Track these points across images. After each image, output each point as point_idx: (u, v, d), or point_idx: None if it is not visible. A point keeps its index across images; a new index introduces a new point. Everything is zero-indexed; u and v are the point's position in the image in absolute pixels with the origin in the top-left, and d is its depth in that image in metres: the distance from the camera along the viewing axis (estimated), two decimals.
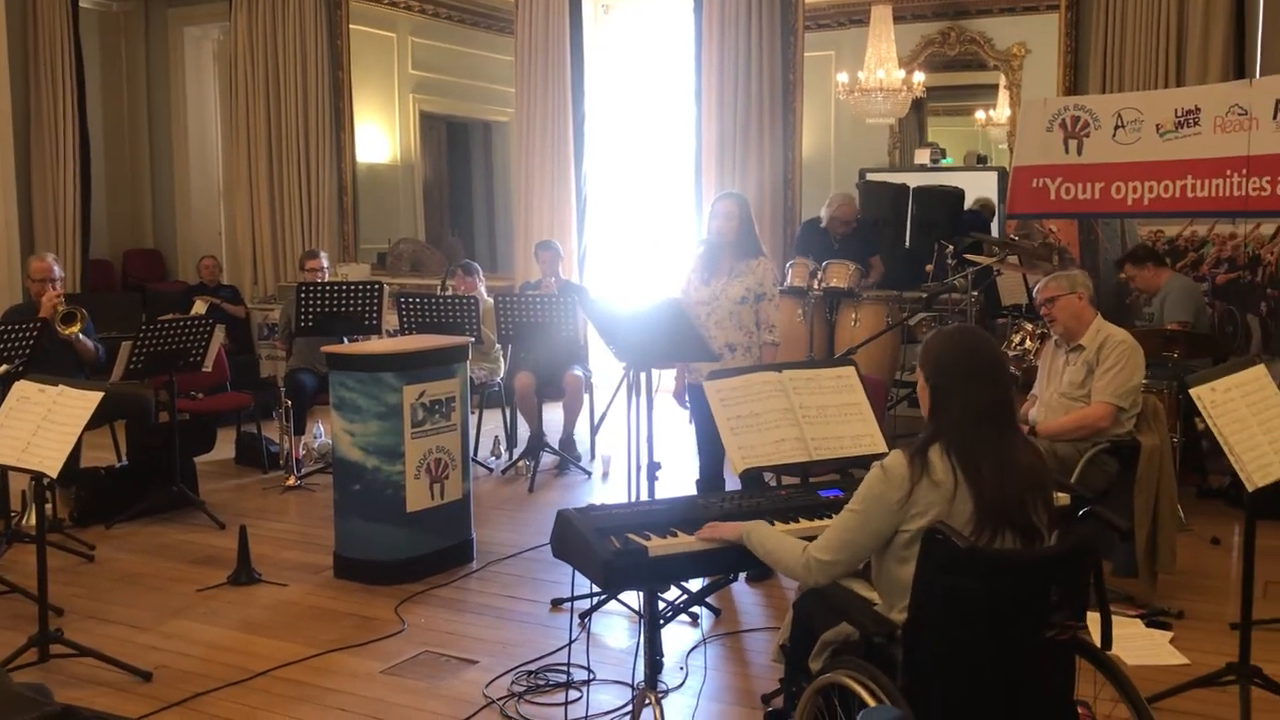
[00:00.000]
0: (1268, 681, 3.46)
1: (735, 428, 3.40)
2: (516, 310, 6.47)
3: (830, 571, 2.68)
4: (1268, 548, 5.08)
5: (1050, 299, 4.63)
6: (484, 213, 11.24)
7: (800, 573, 2.73)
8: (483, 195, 11.25)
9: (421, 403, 4.87)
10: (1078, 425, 4.43)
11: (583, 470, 6.75)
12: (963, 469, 2.49)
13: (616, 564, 2.79)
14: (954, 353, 2.59)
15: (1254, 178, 6.07)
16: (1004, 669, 2.46)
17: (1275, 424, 3.38)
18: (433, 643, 4.25)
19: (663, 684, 3.86)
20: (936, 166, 9.15)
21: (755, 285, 4.93)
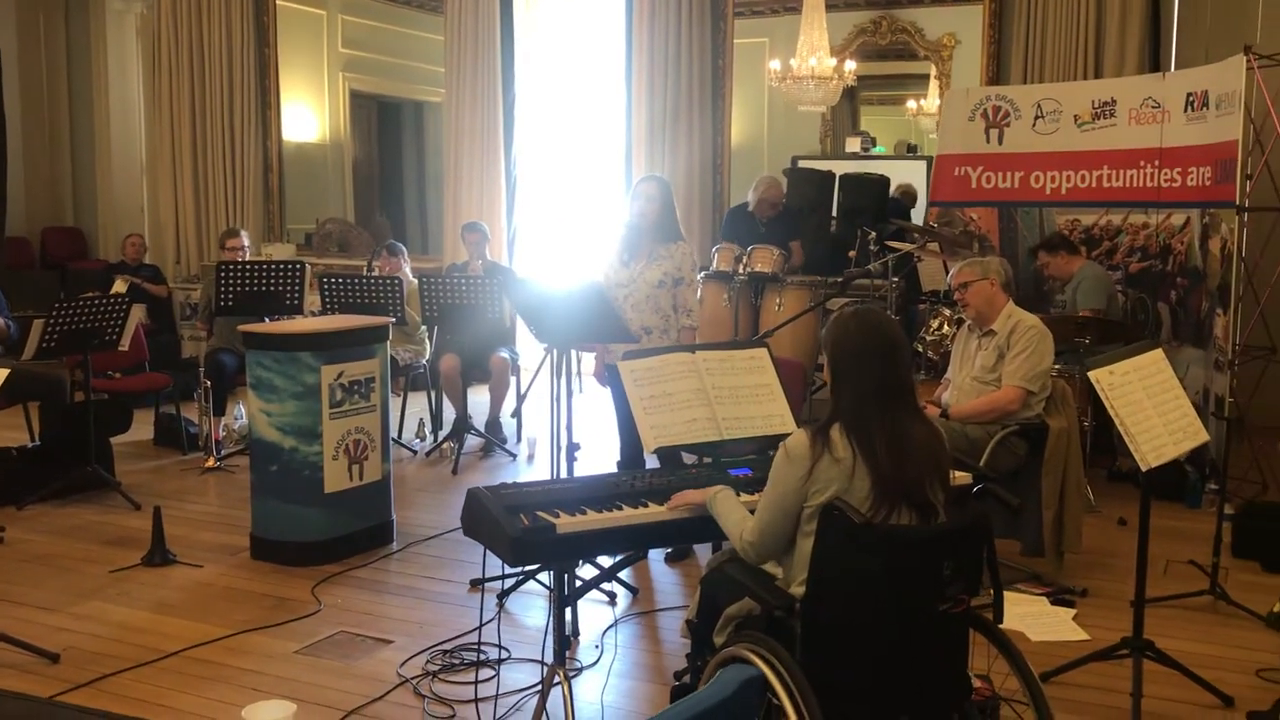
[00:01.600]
0: (1160, 654, 3.58)
1: (648, 407, 3.42)
2: (441, 292, 6.44)
3: (759, 551, 2.75)
4: (1171, 528, 5.27)
5: (964, 284, 4.72)
6: (414, 194, 11.15)
7: (738, 548, 2.81)
8: (413, 176, 11.15)
9: (340, 383, 4.84)
10: (989, 408, 4.53)
11: (508, 452, 6.75)
12: (860, 446, 2.55)
13: (524, 541, 2.81)
14: (853, 335, 2.64)
15: (1166, 169, 6.23)
16: (900, 642, 2.51)
17: (1170, 407, 3.49)
18: (349, 623, 4.23)
19: (577, 662, 3.90)
20: (867, 155, 9.25)
21: (673, 269, 4.95)
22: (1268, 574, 4.70)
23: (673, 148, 8.58)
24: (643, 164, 8.59)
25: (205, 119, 9.99)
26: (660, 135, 8.62)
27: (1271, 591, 4.32)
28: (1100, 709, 3.53)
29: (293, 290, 6.54)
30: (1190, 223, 6.28)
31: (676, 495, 3.02)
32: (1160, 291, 6.47)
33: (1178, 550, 4.93)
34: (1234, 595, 4.39)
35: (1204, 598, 4.41)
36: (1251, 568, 4.82)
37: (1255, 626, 4.19)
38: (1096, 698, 3.59)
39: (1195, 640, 4.05)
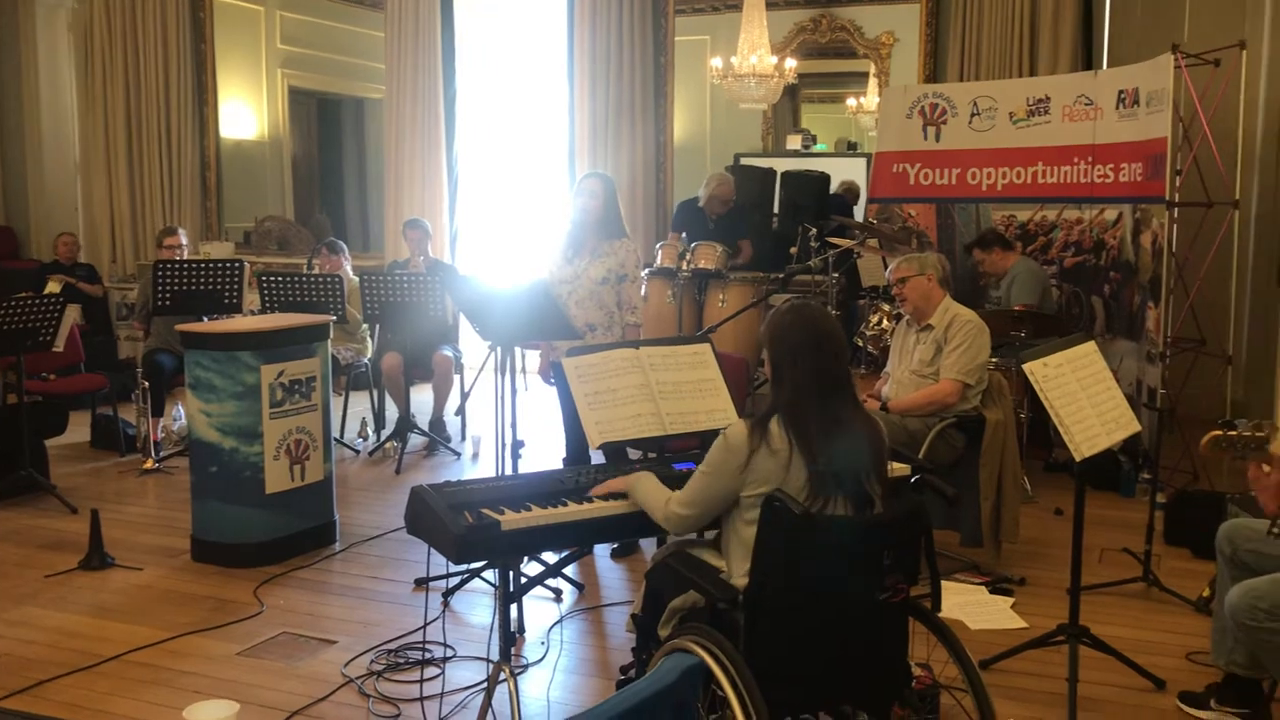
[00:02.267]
0: (1095, 640, 3.66)
1: (592, 403, 3.43)
2: (382, 289, 6.39)
3: (684, 523, 2.81)
4: (1106, 517, 5.38)
5: (902, 279, 4.78)
6: (355, 191, 11.06)
7: (662, 521, 2.85)
8: (354, 173, 11.06)
9: (280, 382, 4.80)
10: (927, 401, 4.60)
11: (452, 451, 6.72)
12: (797, 438, 2.58)
13: (469, 538, 2.80)
14: (790, 329, 2.68)
15: (1098, 165, 6.36)
16: (841, 631, 2.55)
17: (1103, 398, 3.56)
18: (292, 624, 4.20)
19: (523, 659, 3.91)
20: (808, 152, 9.33)
21: (617, 266, 4.97)
22: (1198, 560, 4.81)
23: (615, 145, 8.59)
24: (586, 161, 8.60)
25: (140, 115, 9.83)
26: (603, 132, 8.63)
27: (1201, 577, 4.42)
28: (1038, 694, 3.60)
29: (232, 289, 6.46)
30: (1123, 218, 6.41)
31: (599, 485, 3.07)
32: (1094, 285, 6.60)
33: (1112, 539, 5.04)
34: (1166, 582, 4.50)
35: (1137, 584, 4.52)
36: (1183, 555, 4.94)
37: (1186, 612, 4.30)
38: (1034, 684, 3.66)
39: (1129, 626, 4.14)
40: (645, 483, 2.97)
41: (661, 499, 2.84)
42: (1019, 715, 3.40)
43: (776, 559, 2.50)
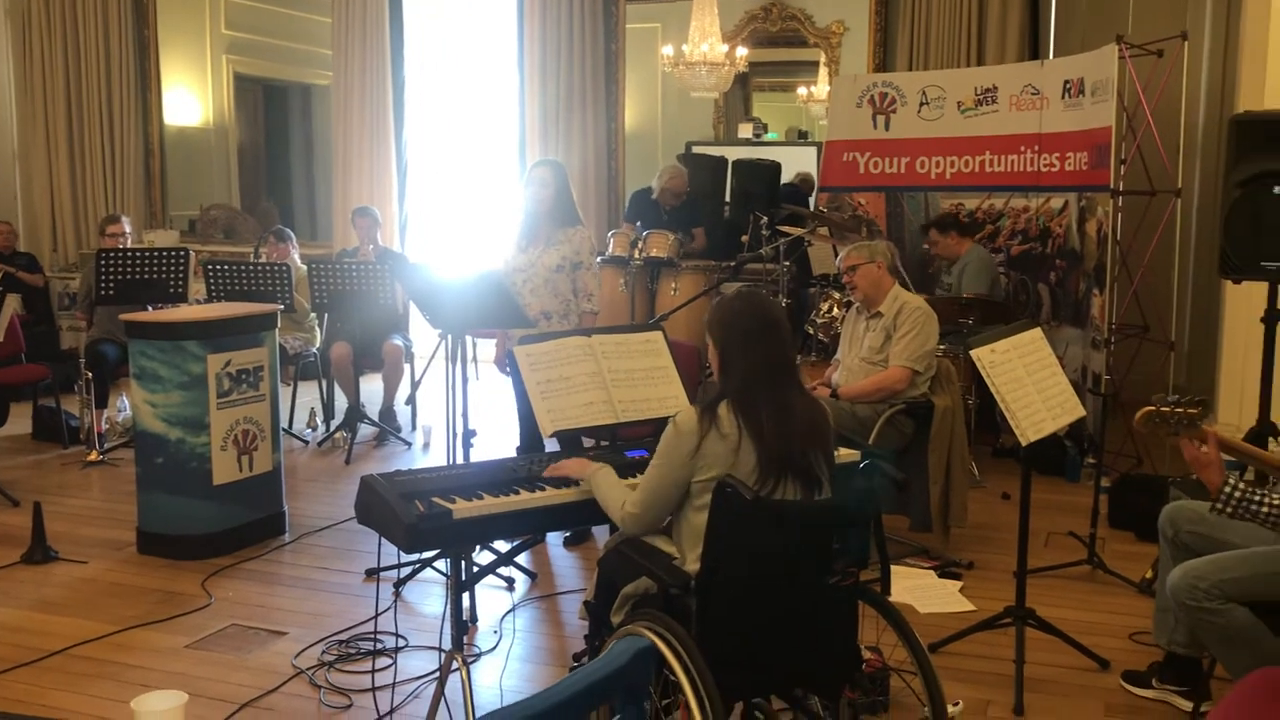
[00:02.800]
0: (1041, 622, 3.72)
1: (544, 391, 3.42)
2: (331, 278, 6.33)
3: (641, 522, 2.79)
4: (1053, 501, 5.47)
5: (852, 267, 4.81)
6: (303, 179, 10.91)
7: (619, 523, 2.84)
8: (302, 161, 10.91)
9: (227, 372, 4.74)
10: (876, 388, 4.64)
11: (403, 441, 6.68)
12: (746, 422, 2.60)
13: (420, 527, 2.79)
14: (735, 315, 2.70)
15: (1045, 154, 6.43)
16: (791, 615, 2.57)
17: (1048, 383, 3.61)
18: (241, 616, 4.16)
19: (476, 648, 3.90)
20: (759, 141, 9.35)
21: (572, 254, 4.95)
22: (1141, 543, 4.89)
23: (567, 133, 8.57)
24: (537, 148, 8.56)
25: (81, 102, 9.64)
26: (554, 120, 8.59)
27: (1145, 559, 4.51)
28: (986, 675, 3.65)
29: (176, 278, 6.37)
30: (1068, 206, 6.50)
31: (553, 466, 3.07)
32: (1040, 273, 6.68)
33: (1059, 522, 5.12)
34: (1110, 564, 4.58)
35: (1082, 567, 4.59)
36: (1126, 538, 5.03)
37: (1130, 593, 4.38)
38: (982, 665, 3.72)
39: (1074, 608, 4.21)
40: (604, 479, 2.94)
41: (618, 501, 2.83)
42: (967, 696, 3.45)
43: (727, 544, 2.51)
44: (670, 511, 2.77)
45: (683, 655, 2.45)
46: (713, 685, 2.40)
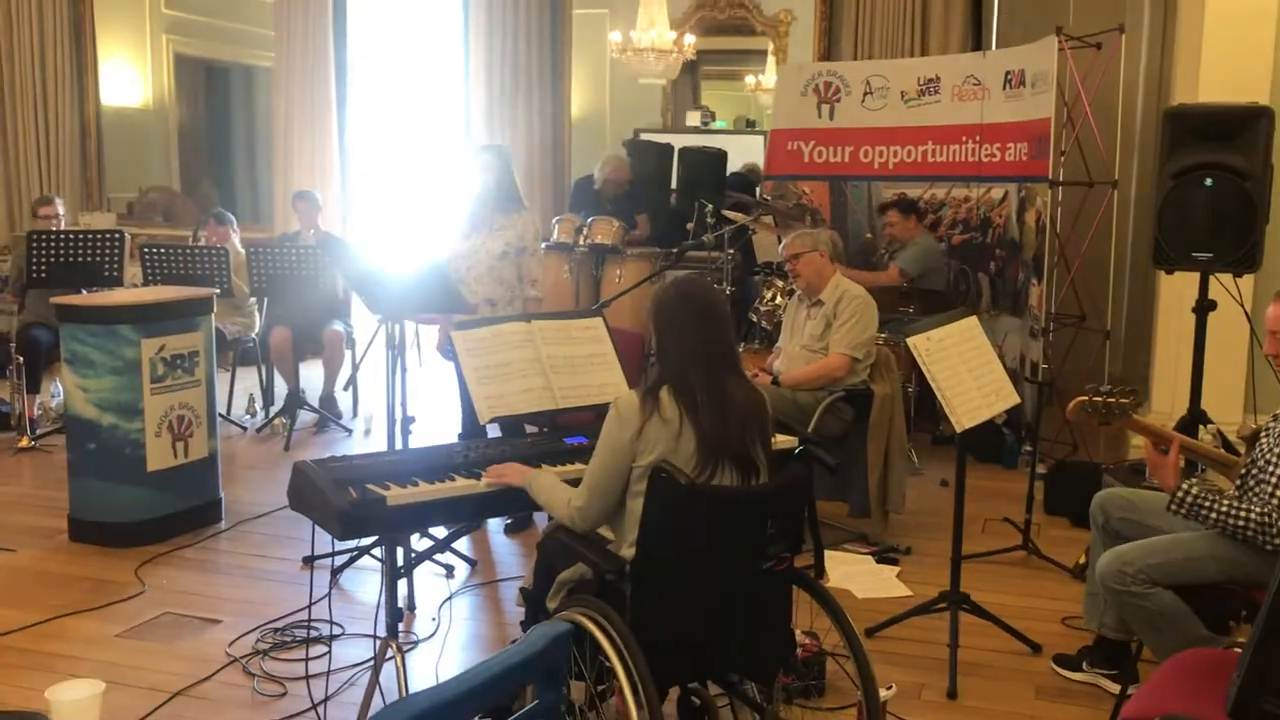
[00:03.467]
0: (975, 607, 3.76)
1: (482, 377, 3.41)
2: (270, 262, 6.24)
3: (588, 515, 2.76)
4: (990, 488, 5.54)
5: (795, 255, 4.83)
6: (245, 162, 10.76)
7: (567, 521, 2.80)
8: (244, 143, 10.76)
9: (161, 357, 4.66)
10: (817, 375, 4.66)
11: (343, 428, 6.62)
12: (685, 407, 2.60)
13: (353, 514, 2.76)
14: (675, 301, 2.69)
15: (986, 144, 6.49)
16: (725, 600, 2.58)
17: (983, 371, 3.66)
18: (175, 604, 4.10)
19: (413, 635, 3.88)
20: (707, 129, 9.36)
21: (516, 239, 4.93)
22: (1076, 529, 4.97)
23: (512, 119, 8.51)
24: (482, 135, 8.50)
25: (14, 80, 9.41)
26: (500, 106, 8.54)
27: (1079, 545, 4.58)
28: (921, 660, 3.69)
29: (112, 261, 6.25)
30: (1008, 196, 6.56)
31: (493, 469, 3.00)
32: (981, 262, 6.75)
33: (995, 509, 5.18)
34: (1045, 550, 4.65)
35: (1017, 553, 4.66)
36: (1062, 524, 5.10)
37: (1063, 578, 4.45)
38: (917, 650, 3.76)
39: (1008, 593, 4.27)
40: (545, 482, 2.91)
41: (563, 500, 2.80)
42: (902, 680, 3.48)
43: (662, 529, 2.51)
44: (617, 501, 2.76)
45: (616, 641, 2.45)
46: (646, 670, 2.40)
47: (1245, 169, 4.48)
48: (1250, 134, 4.50)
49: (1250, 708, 2.34)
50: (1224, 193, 4.50)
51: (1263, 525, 2.94)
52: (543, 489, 2.89)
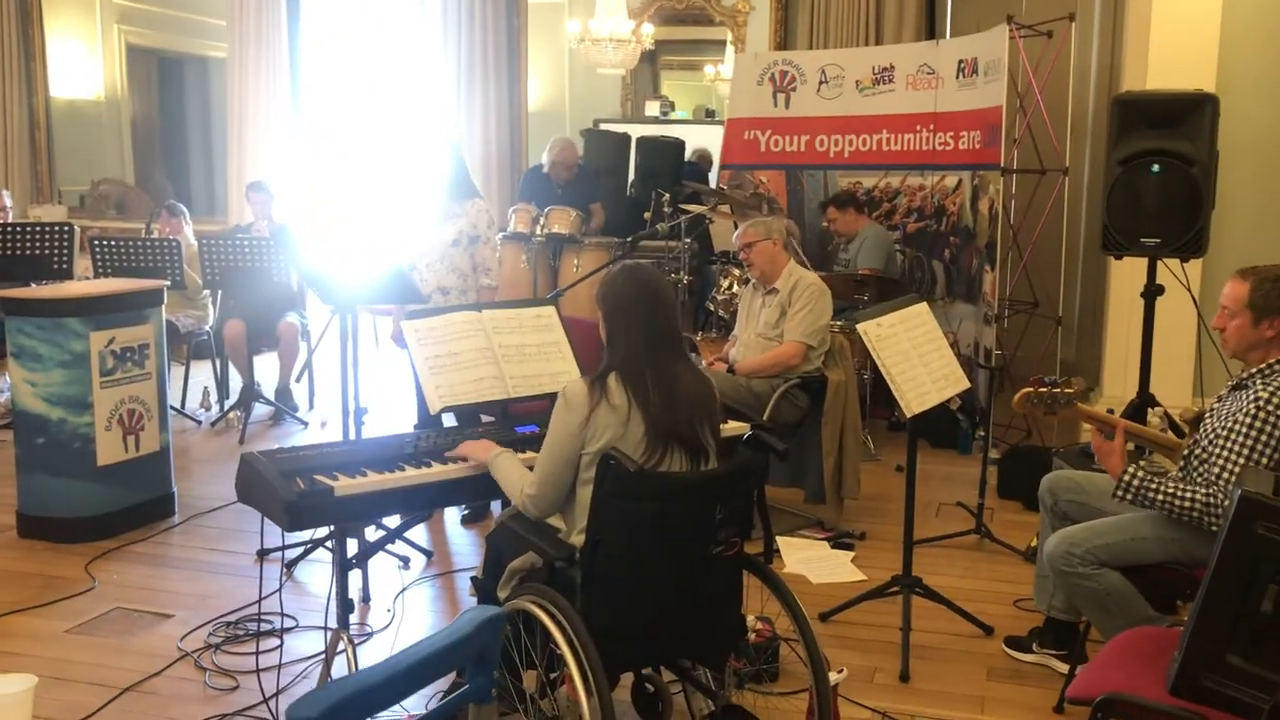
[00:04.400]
0: (927, 590, 3.80)
1: (433, 367, 3.39)
2: (222, 254, 6.18)
3: (540, 504, 2.76)
4: (945, 473, 5.58)
5: (749, 244, 4.84)
6: (200, 154, 10.64)
7: (519, 507, 2.81)
8: (199, 135, 10.63)
9: (111, 350, 4.60)
10: (772, 363, 4.68)
11: (299, 420, 6.57)
12: (634, 393, 2.60)
13: (300, 505, 2.74)
14: (621, 287, 2.70)
15: (940, 133, 6.53)
16: (675, 585, 2.59)
17: (933, 357, 3.68)
18: (126, 599, 4.06)
19: (368, 627, 3.86)
20: (666, 119, 9.37)
21: (469, 227, 4.91)
22: (1028, 512, 5.02)
23: (469, 109, 8.48)
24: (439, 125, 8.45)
25: None
26: (456, 97, 8.49)
27: (1031, 528, 4.61)
28: (874, 644, 3.72)
29: (61, 254, 6.17)
30: (962, 184, 6.61)
31: (462, 446, 3.03)
32: (935, 250, 6.80)
33: (949, 493, 5.23)
34: (998, 533, 4.70)
35: (970, 537, 4.70)
36: (1014, 507, 5.15)
37: (1015, 561, 4.50)
38: (871, 633, 3.79)
39: (961, 576, 4.31)
40: (505, 463, 2.91)
41: (518, 485, 2.80)
42: (855, 664, 3.50)
43: (611, 515, 2.52)
44: (567, 489, 2.76)
45: (566, 628, 2.46)
46: (596, 657, 2.41)
47: (1191, 155, 4.53)
48: (1196, 120, 4.55)
49: (1192, 685, 2.38)
50: (1171, 179, 4.55)
51: (1207, 506, 2.99)
52: (502, 470, 2.90)
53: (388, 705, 1.40)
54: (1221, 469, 3.01)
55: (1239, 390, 3.12)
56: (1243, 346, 3.11)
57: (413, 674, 1.37)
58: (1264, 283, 3.05)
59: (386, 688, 1.35)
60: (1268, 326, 3.05)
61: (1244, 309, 3.07)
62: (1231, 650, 2.33)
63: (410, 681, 1.38)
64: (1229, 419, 3.05)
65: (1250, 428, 2.97)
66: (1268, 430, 2.94)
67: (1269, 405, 2.95)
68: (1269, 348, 3.07)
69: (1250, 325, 3.07)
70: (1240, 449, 2.97)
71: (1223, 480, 2.99)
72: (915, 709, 3.30)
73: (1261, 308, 3.04)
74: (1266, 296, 3.04)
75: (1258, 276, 3.07)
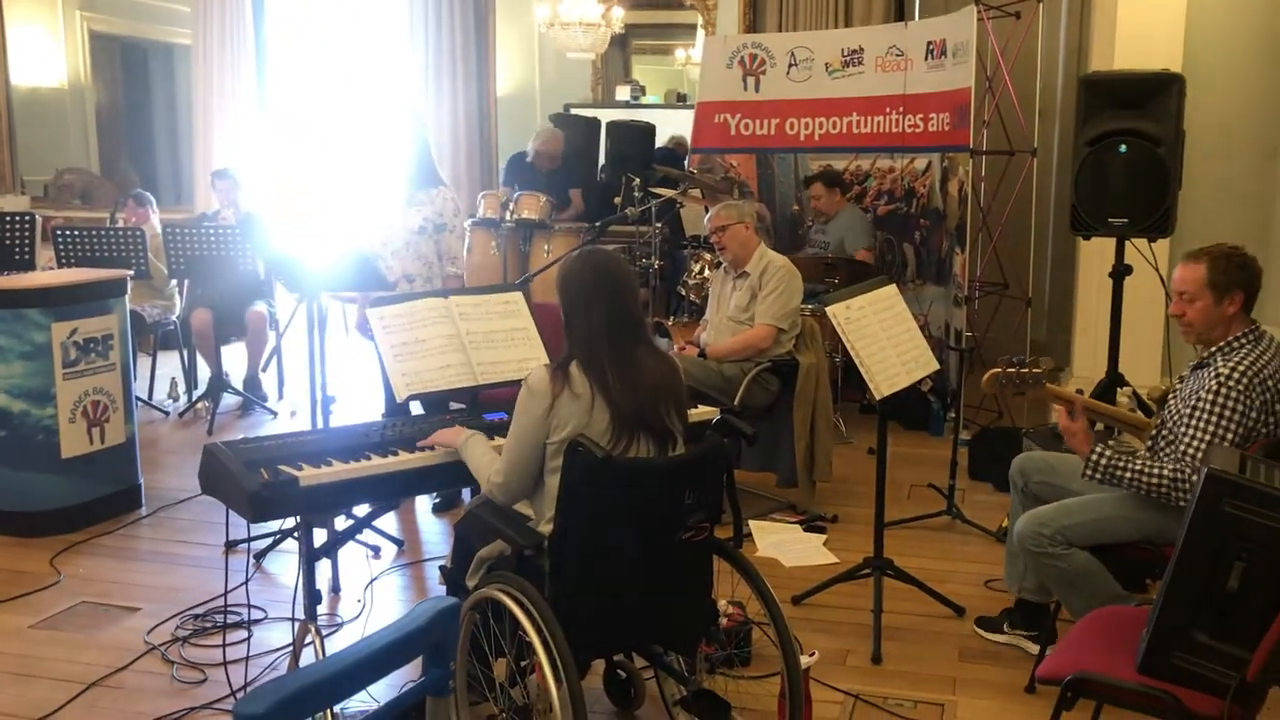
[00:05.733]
0: (899, 572, 3.80)
1: (399, 354, 3.36)
2: (189, 243, 6.10)
3: (506, 491, 2.74)
4: (917, 455, 5.59)
5: (722, 227, 4.82)
6: (167, 142, 10.51)
7: (487, 493, 2.79)
8: (165, 123, 10.50)
9: (74, 341, 4.54)
10: (743, 346, 4.67)
11: (268, 410, 6.51)
12: (596, 381, 2.58)
13: (264, 495, 2.71)
14: (581, 273, 2.67)
15: (909, 115, 6.52)
16: (644, 571, 2.57)
17: (903, 339, 3.68)
18: (92, 593, 4.01)
19: (338, 617, 3.83)
20: (638, 103, 9.32)
21: (434, 215, 4.86)
22: (999, 493, 5.02)
23: (437, 95, 8.40)
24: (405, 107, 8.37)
25: None
26: (424, 82, 8.42)
27: (1002, 509, 4.63)
28: (846, 626, 3.72)
29: (22, 244, 6.07)
30: (931, 166, 6.61)
31: (435, 434, 3.01)
32: (905, 232, 6.80)
33: (921, 475, 5.24)
34: (969, 514, 4.72)
35: (942, 518, 4.72)
36: (985, 489, 5.17)
37: (987, 542, 4.51)
38: (843, 616, 3.79)
39: (933, 557, 4.32)
40: (475, 447, 2.89)
41: (486, 471, 2.79)
42: (827, 647, 3.50)
43: (579, 503, 2.50)
44: (534, 476, 2.74)
45: (534, 616, 2.44)
46: (565, 645, 2.39)
47: (1158, 135, 4.54)
48: (1163, 100, 4.56)
49: (1160, 663, 2.39)
50: (1138, 159, 4.56)
51: (1175, 483, 3.00)
52: (473, 454, 2.88)
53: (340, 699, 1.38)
54: (1188, 445, 3.02)
55: (1201, 369, 3.14)
56: (1208, 327, 3.12)
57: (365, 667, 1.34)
58: (1219, 260, 3.08)
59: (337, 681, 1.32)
60: (1229, 303, 3.07)
61: (1204, 289, 3.09)
62: (1199, 628, 2.34)
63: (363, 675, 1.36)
64: (1192, 397, 3.07)
65: (1213, 404, 2.99)
66: (1230, 405, 2.97)
67: (1229, 380, 2.97)
68: (1230, 324, 3.10)
69: (1214, 304, 3.09)
70: (1205, 425, 2.99)
71: (1189, 457, 3.00)
72: (887, 690, 3.31)
73: (1222, 285, 3.07)
74: (1225, 272, 3.06)
75: (1210, 256, 3.11)
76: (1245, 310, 3.09)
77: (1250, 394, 2.96)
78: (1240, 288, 3.06)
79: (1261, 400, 2.98)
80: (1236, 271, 3.06)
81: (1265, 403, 2.99)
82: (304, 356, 4.13)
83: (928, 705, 3.24)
